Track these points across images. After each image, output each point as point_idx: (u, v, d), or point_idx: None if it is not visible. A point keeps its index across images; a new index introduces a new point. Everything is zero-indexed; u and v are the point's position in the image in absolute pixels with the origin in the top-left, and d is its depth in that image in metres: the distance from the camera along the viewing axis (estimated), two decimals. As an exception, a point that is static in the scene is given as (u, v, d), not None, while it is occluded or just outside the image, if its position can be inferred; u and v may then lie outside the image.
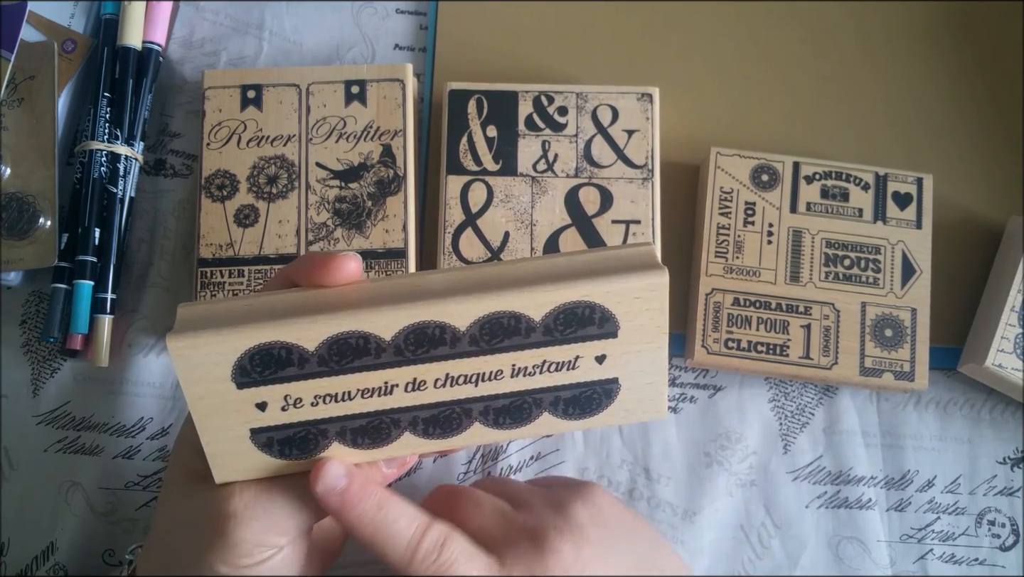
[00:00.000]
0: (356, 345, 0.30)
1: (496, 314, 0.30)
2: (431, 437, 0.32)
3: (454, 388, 0.31)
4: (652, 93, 0.48)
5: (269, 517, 0.32)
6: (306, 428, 0.31)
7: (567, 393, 0.32)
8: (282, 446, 0.32)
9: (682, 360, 0.48)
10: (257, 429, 0.31)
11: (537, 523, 0.36)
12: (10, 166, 0.48)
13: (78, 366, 0.48)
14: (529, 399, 0.32)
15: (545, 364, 0.31)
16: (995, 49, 0.52)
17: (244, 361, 0.30)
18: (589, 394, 0.32)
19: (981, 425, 0.48)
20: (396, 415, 0.32)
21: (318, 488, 0.31)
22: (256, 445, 0.31)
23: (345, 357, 0.30)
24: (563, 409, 0.32)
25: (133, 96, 0.50)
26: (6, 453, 0.47)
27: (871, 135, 0.51)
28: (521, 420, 0.32)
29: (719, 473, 0.47)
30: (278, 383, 0.30)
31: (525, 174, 0.47)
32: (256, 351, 0.29)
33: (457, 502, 0.38)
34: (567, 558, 0.35)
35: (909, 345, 0.46)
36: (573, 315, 0.30)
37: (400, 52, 0.53)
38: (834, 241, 0.47)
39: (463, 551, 0.33)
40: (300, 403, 0.31)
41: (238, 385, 0.30)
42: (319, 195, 0.47)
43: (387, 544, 0.33)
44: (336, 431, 0.32)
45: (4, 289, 0.49)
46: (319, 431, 0.31)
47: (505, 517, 0.37)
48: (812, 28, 0.52)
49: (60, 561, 0.46)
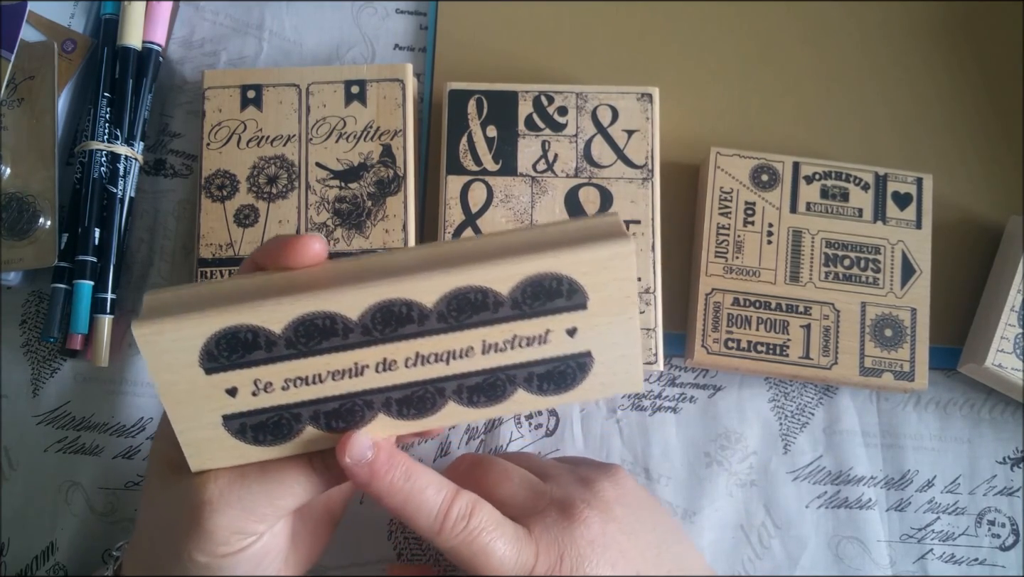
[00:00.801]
0: (323, 326, 0.29)
1: (462, 289, 0.29)
2: (406, 418, 0.32)
3: (425, 367, 0.31)
4: (652, 93, 0.48)
5: (245, 503, 0.32)
6: (278, 413, 0.31)
7: (540, 369, 0.31)
8: (255, 432, 0.31)
9: (682, 360, 0.48)
10: (229, 416, 0.31)
11: (565, 495, 0.36)
12: (10, 166, 0.48)
13: (78, 366, 0.48)
14: (502, 376, 0.31)
15: (516, 339, 0.30)
16: (995, 49, 0.52)
17: (211, 346, 0.29)
18: (563, 369, 0.31)
19: (981, 425, 0.48)
20: (368, 396, 0.31)
21: (346, 460, 0.31)
22: (229, 432, 0.31)
23: (312, 339, 0.30)
24: (538, 385, 0.32)
25: (133, 96, 0.50)
26: (6, 453, 0.47)
27: (871, 135, 0.51)
28: (496, 398, 0.32)
29: (719, 473, 0.47)
30: (247, 367, 0.30)
31: (525, 174, 0.47)
32: (222, 335, 0.29)
33: (484, 472, 0.38)
34: (594, 529, 0.35)
35: (909, 345, 0.46)
36: (540, 287, 0.30)
37: (400, 52, 0.53)
38: (834, 241, 0.47)
39: (491, 519, 0.33)
40: (270, 387, 0.30)
41: (206, 371, 0.30)
42: (319, 195, 0.47)
43: (416, 513, 0.33)
44: (309, 415, 0.31)
45: (4, 289, 0.49)
46: (292, 415, 0.31)
47: (533, 488, 0.37)
48: (812, 28, 0.52)
49: (60, 561, 0.46)
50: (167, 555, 0.33)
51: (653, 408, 0.48)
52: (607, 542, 0.35)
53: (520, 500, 0.37)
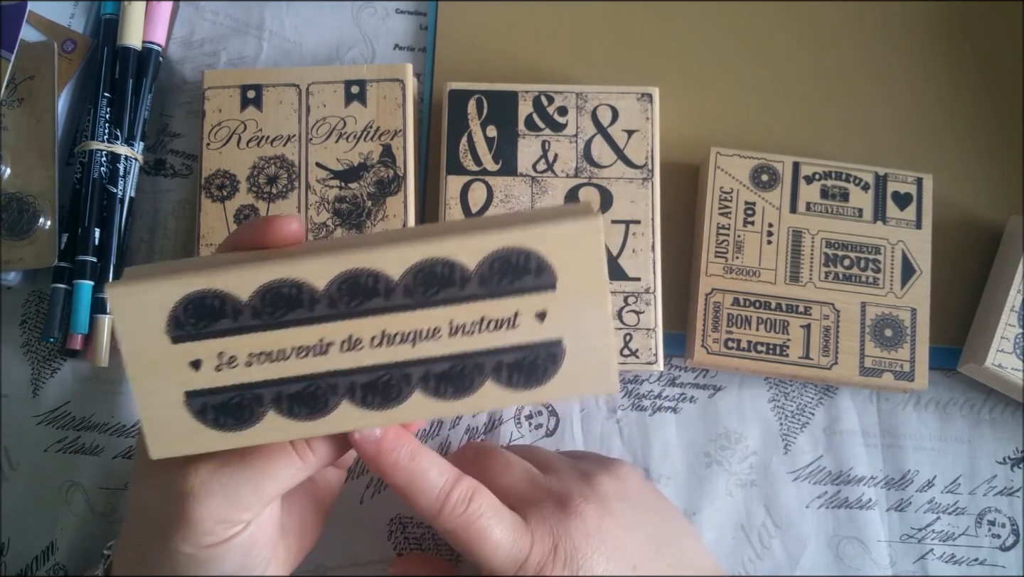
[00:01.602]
0: (289, 295, 0.30)
1: (429, 261, 0.29)
2: (370, 408, 0.31)
3: (391, 348, 0.30)
4: (652, 93, 0.48)
5: (228, 491, 0.31)
6: (240, 392, 0.31)
7: (510, 357, 0.31)
8: (216, 413, 0.31)
9: (682, 360, 0.48)
10: (192, 392, 0.31)
11: (563, 488, 0.37)
12: (10, 166, 0.48)
13: (78, 366, 0.48)
14: (470, 363, 0.31)
15: (484, 321, 0.30)
16: (995, 49, 0.52)
17: (178, 312, 0.30)
18: (533, 359, 0.31)
19: (981, 425, 0.48)
20: (333, 380, 0.31)
21: (355, 435, 0.32)
22: (191, 412, 0.31)
23: (279, 308, 0.30)
24: (507, 377, 0.31)
25: (133, 96, 0.50)
26: (6, 453, 0.47)
27: (871, 135, 0.51)
28: (463, 389, 0.31)
29: (719, 473, 0.47)
30: (212, 337, 0.30)
31: (525, 174, 0.47)
32: (190, 299, 0.30)
33: (487, 460, 0.39)
34: (589, 522, 0.36)
35: (909, 345, 0.46)
36: (508, 263, 0.30)
37: (400, 52, 0.53)
38: (834, 241, 0.47)
39: (490, 506, 0.35)
40: (234, 362, 0.30)
41: (172, 338, 0.30)
42: (319, 195, 0.47)
43: (419, 492, 0.34)
44: (272, 397, 0.31)
45: (4, 289, 0.49)
46: (254, 396, 0.31)
47: (533, 479, 0.38)
48: (812, 28, 0.52)
49: (60, 561, 0.46)
50: (154, 549, 0.33)
51: (653, 408, 0.48)
52: (603, 536, 0.36)
53: (520, 490, 0.38)
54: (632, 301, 0.46)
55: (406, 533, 0.46)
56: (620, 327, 0.46)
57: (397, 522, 0.46)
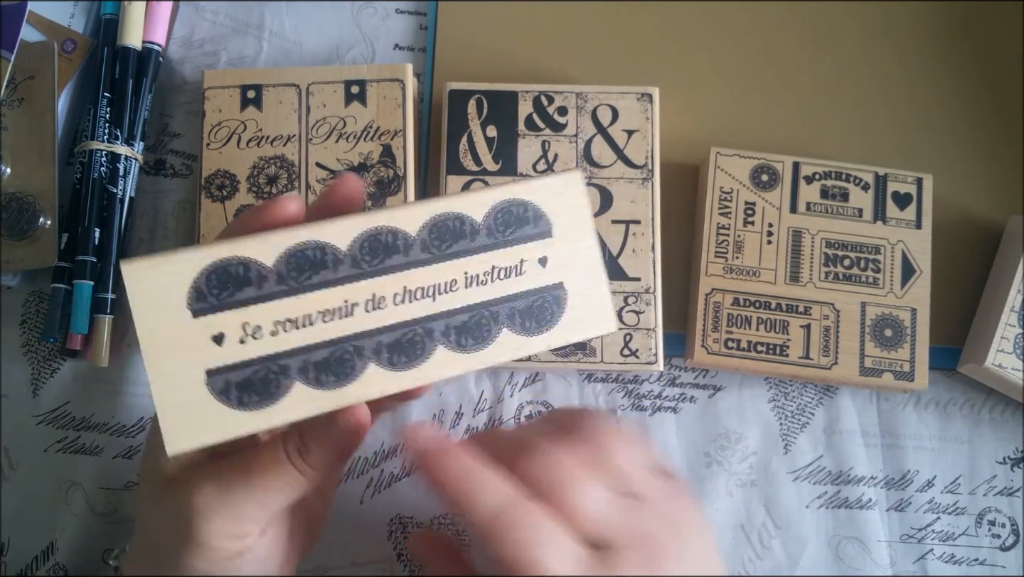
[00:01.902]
0: (314, 257, 0.31)
1: (442, 216, 0.32)
2: (395, 368, 0.32)
3: (413, 304, 0.32)
4: (652, 93, 0.48)
5: (233, 509, 0.32)
6: (265, 365, 0.30)
7: (521, 303, 0.33)
8: (240, 391, 0.30)
9: (682, 360, 0.48)
10: (214, 370, 0.30)
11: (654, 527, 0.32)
12: (10, 166, 0.48)
13: (78, 366, 0.48)
14: (486, 312, 0.33)
15: (494, 270, 0.33)
16: (995, 49, 0.52)
17: (200, 283, 0.29)
18: (541, 303, 0.33)
19: (981, 425, 0.48)
20: (358, 341, 0.31)
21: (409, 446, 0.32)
22: (213, 392, 0.30)
23: (303, 272, 0.30)
24: (520, 323, 0.33)
25: (133, 96, 0.50)
26: (6, 453, 0.47)
27: (871, 135, 0.51)
28: (482, 339, 0.33)
29: (719, 473, 0.47)
30: (236, 307, 0.30)
31: (525, 174, 0.47)
32: (213, 269, 0.30)
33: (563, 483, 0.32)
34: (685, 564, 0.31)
35: (909, 345, 0.46)
36: (510, 213, 0.33)
37: (400, 52, 0.53)
38: (834, 241, 0.47)
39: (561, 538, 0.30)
40: (259, 332, 0.30)
41: (194, 312, 0.30)
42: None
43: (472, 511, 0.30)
44: (298, 367, 0.31)
45: (4, 289, 0.49)
46: (280, 368, 0.30)
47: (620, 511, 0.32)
48: (812, 28, 0.52)
49: (60, 561, 0.46)
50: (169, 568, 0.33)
51: (653, 408, 0.48)
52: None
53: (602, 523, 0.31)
54: (632, 301, 0.46)
55: (406, 533, 0.46)
56: (620, 327, 0.46)
57: (397, 522, 0.46)
